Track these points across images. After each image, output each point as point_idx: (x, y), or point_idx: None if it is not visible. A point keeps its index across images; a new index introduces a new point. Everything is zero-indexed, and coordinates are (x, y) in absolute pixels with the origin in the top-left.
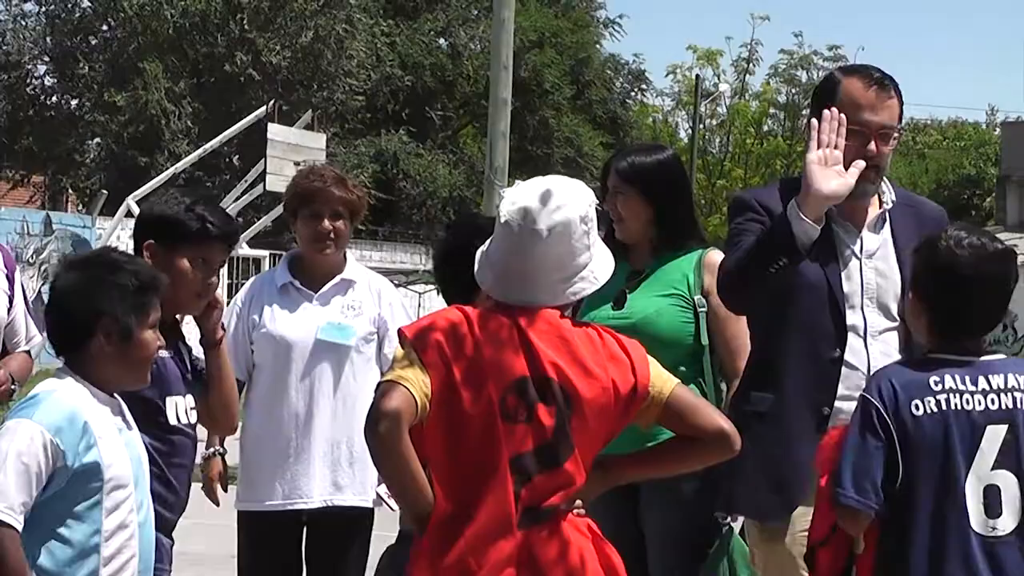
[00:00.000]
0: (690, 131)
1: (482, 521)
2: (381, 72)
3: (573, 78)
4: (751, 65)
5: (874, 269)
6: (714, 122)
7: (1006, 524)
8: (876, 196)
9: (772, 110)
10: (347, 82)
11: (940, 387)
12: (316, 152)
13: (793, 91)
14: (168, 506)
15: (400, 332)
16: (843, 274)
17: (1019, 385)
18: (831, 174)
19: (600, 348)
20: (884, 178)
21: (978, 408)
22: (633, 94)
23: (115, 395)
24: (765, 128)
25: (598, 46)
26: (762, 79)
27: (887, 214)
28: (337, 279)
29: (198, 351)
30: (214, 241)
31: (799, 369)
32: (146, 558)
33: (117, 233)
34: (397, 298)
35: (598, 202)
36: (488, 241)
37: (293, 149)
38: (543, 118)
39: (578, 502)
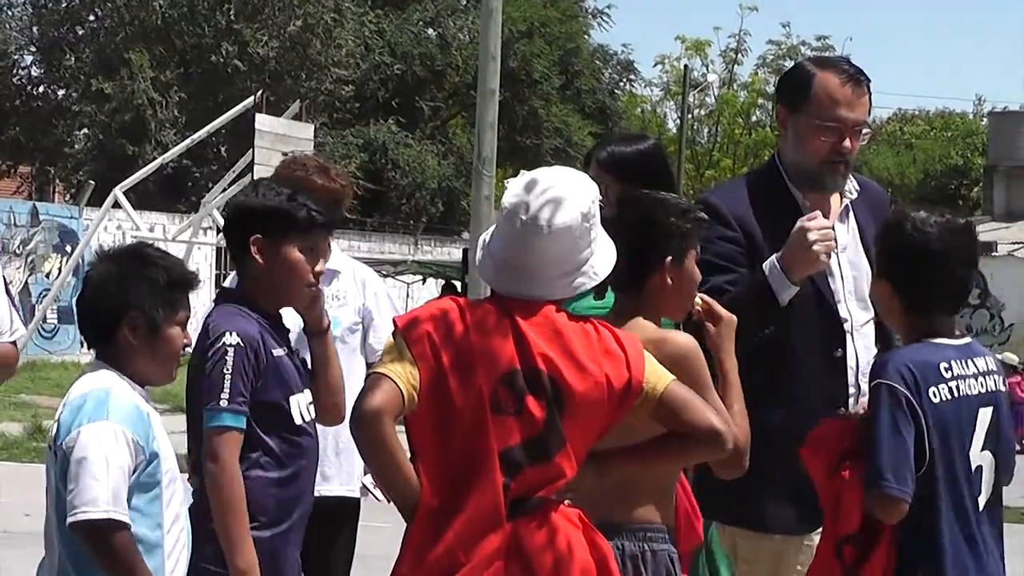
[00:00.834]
0: (678, 121)
1: (470, 513)
2: (370, 61)
3: (562, 68)
4: (739, 55)
5: (849, 262)
6: (702, 112)
7: (983, 501)
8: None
9: (760, 100)
10: (335, 72)
11: (950, 373)
12: (304, 142)
13: None
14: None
15: (393, 322)
16: (826, 271)
17: (995, 367)
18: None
19: (595, 342)
20: None
21: (973, 392)
22: (622, 84)
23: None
24: (753, 118)
25: (587, 36)
26: (750, 69)
27: (850, 205)
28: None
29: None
30: (321, 229)
31: (809, 376)
32: (189, 550)
33: (104, 224)
34: (382, 288)
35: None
36: (491, 230)
37: (281, 139)
38: (532, 108)
39: (569, 493)
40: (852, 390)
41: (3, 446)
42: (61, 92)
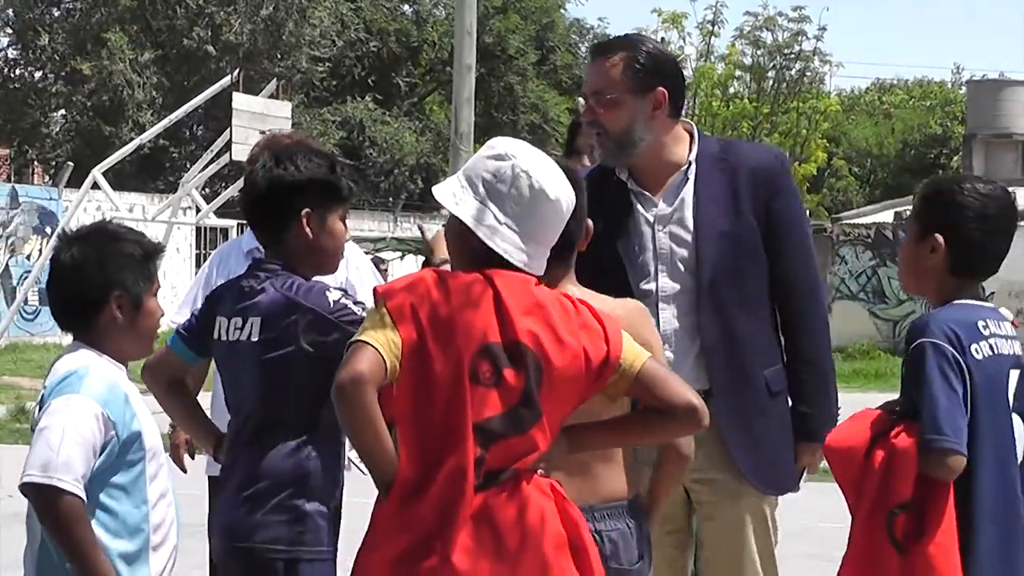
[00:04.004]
0: None
1: (442, 483)
2: (346, 38)
3: (538, 43)
4: (716, 27)
5: (668, 234)
6: None
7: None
8: (682, 157)
9: (737, 72)
10: (310, 52)
11: (988, 331)
12: (281, 121)
13: (758, 53)
14: None
15: (373, 291)
16: (638, 244)
17: (1014, 332)
18: None
19: (573, 316)
20: (694, 134)
21: (1007, 352)
22: None
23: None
24: (731, 90)
25: (562, 11)
26: (727, 41)
27: (687, 174)
28: None
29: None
30: (351, 198)
31: None
32: (179, 525)
33: (83, 205)
34: (365, 262)
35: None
36: (494, 204)
37: (258, 118)
38: (508, 84)
39: (542, 464)
40: None
41: None
42: (38, 74)
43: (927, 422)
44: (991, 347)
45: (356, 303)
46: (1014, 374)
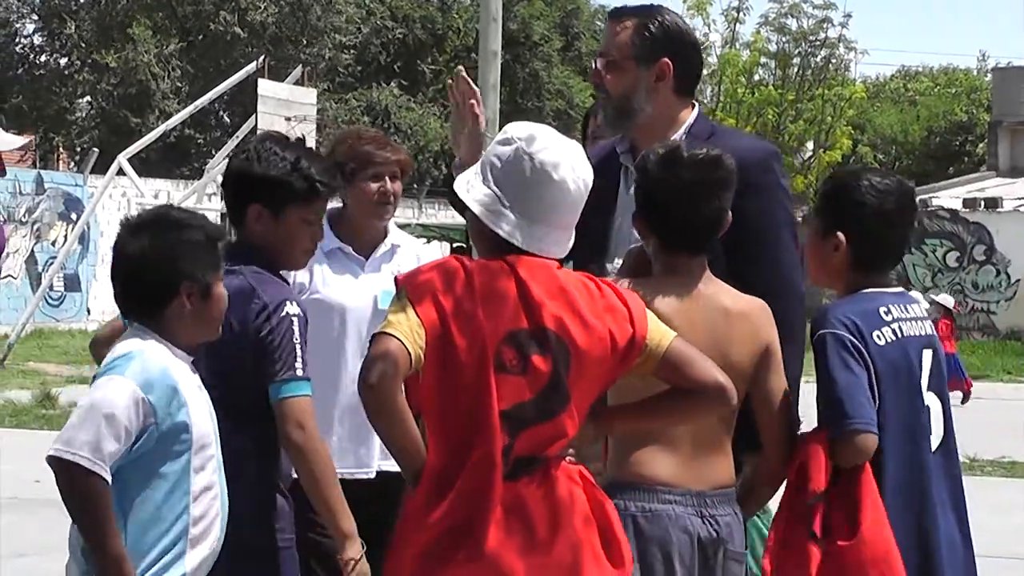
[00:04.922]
0: None
1: (471, 473)
2: (371, 25)
3: (563, 30)
4: (741, 14)
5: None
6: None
7: (934, 443)
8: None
9: (763, 59)
10: (336, 37)
11: (890, 316)
12: (307, 107)
13: (783, 39)
14: None
15: (395, 280)
16: (609, 225)
17: (926, 315)
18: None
19: (598, 298)
20: (692, 114)
21: (915, 334)
22: None
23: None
24: (756, 77)
25: None
26: (752, 28)
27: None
28: (388, 245)
29: None
30: (321, 198)
31: None
32: (224, 519)
33: (108, 191)
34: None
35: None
36: (499, 189)
37: (284, 105)
38: (533, 70)
39: (570, 450)
40: None
41: (12, 413)
42: (63, 60)
43: (833, 409)
44: (894, 332)
45: (302, 321)
46: (927, 354)
